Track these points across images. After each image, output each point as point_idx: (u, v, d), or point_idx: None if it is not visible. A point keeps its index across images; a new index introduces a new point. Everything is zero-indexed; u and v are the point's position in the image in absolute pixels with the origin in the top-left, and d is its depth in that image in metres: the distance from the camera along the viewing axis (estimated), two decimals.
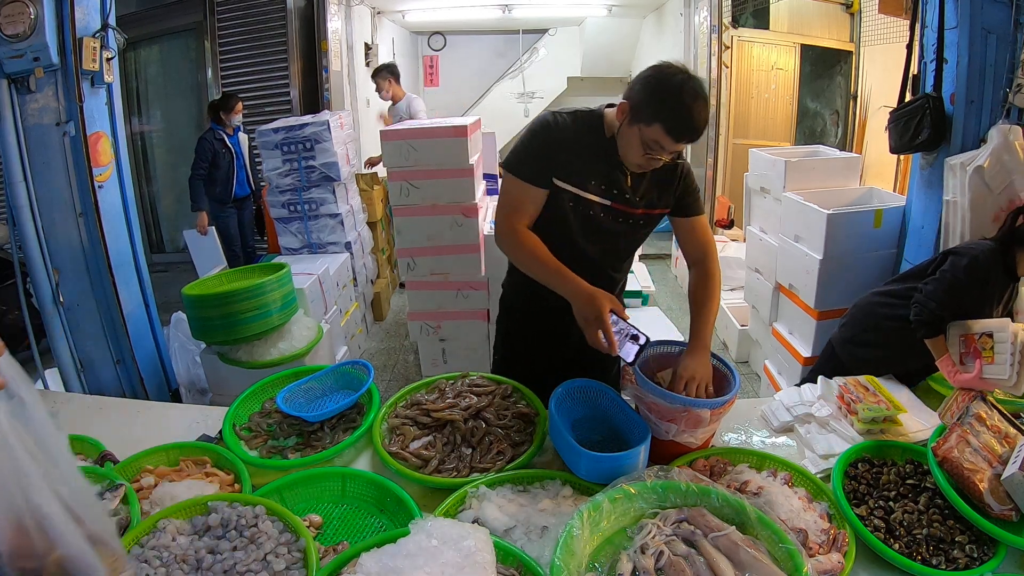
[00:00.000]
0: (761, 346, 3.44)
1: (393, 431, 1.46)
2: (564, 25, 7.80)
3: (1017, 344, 1.54)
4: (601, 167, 1.43)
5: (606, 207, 1.46)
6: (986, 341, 1.59)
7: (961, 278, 1.74)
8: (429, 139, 3.02)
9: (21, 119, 1.82)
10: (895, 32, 4.32)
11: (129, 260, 2.13)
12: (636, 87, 1.32)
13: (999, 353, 1.55)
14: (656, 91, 1.28)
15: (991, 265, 1.74)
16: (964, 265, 1.75)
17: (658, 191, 1.50)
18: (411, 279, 3.23)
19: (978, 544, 1.14)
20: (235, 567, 1.02)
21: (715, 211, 5.39)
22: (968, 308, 1.72)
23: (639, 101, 1.30)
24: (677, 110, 1.25)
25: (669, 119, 1.26)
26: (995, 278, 1.74)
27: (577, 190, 1.44)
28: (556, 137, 1.42)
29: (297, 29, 4.61)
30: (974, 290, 1.73)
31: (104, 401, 1.81)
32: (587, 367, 1.59)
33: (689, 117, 1.26)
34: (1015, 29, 2.10)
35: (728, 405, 1.31)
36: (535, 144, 1.43)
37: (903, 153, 2.67)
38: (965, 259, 1.76)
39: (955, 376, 1.65)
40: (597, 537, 1.09)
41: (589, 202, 1.45)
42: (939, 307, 1.72)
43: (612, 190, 1.45)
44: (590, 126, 1.44)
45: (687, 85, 1.25)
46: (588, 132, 1.43)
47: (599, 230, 1.49)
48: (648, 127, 1.28)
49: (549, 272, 1.38)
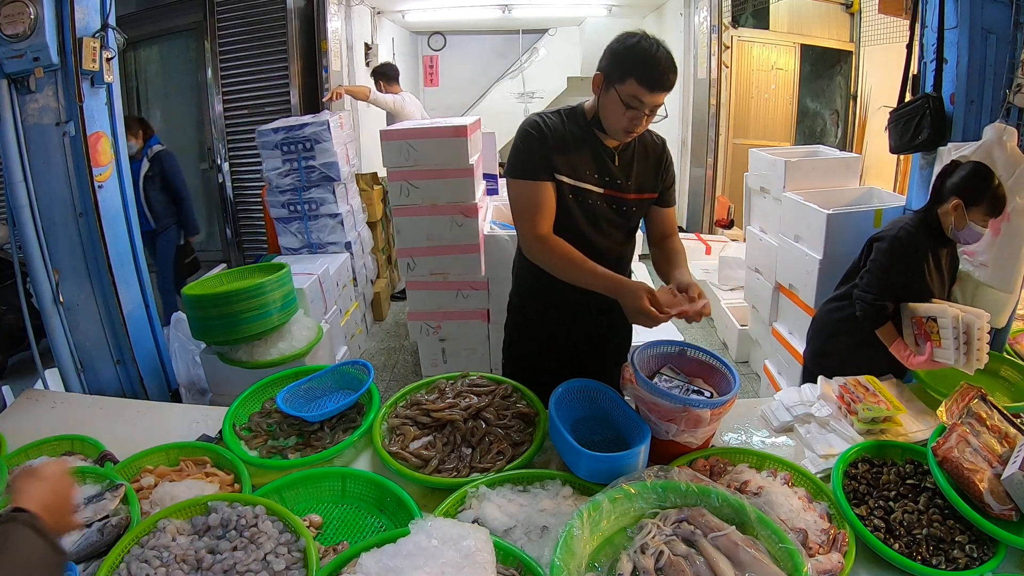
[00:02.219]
0: (761, 346, 3.44)
1: (393, 431, 1.46)
2: (564, 25, 7.80)
3: (960, 326, 1.59)
4: (590, 154, 1.50)
5: (602, 195, 1.52)
6: (932, 325, 1.66)
7: (886, 262, 1.80)
8: (429, 139, 3.02)
9: (21, 119, 1.82)
10: (895, 32, 4.33)
11: (129, 260, 2.12)
12: (604, 58, 1.42)
13: (944, 338, 1.62)
14: (620, 51, 1.39)
15: (914, 236, 1.79)
16: (886, 248, 1.81)
17: (647, 176, 1.57)
18: (411, 279, 3.23)
19: (978, 544, 1.14)
20: (235, 567, 1.03)
21: (715, 211, 5.39)
22: (906, 285, 1.77)
23: (609, 65, 1.40)
24: (645, 60, 1.35)
25: (639, 70, 1.35)
26: (923, 246, 1.78)
27: (576, 181, 1.49)
28: (548, 134, 1.47)
29: (297, 29, 4.60)
30: (903, 268, 1.78)
31: (104, 401, 1.81)
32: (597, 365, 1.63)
33: (656, 65, 1.35)
34: (1015, 29, 2.10)
35: (728, 405, 1.31)
36: (530, 144, 1.48)
37: (903, 153, 2.67)
38: (885, 242, 1.82)
39: (908, 359, 1.71)
40: (597, 537, 1.09)
41: (588, 192, 1.50)
42: (876, 297, 1.78)
43: (604, 176, 1.51)
44: (573, 117, 1.51)
45: (646, 40, 1.37)
46: (573, 123, 1.50)
47: (601, 220, 1.54)
48: (623, 85, 1.37)
49: (585, 273, 1.42)
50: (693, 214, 5.71)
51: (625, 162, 1.53)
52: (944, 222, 1.78)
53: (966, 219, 1.73)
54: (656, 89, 1.36)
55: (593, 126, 1.49)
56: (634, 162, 1.55)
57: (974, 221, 1.73)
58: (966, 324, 1.59)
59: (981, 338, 1.59)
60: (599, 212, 1.53)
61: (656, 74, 1.35)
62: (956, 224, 1.75)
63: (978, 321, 1.59)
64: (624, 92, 1.37)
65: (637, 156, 1.55)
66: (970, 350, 1.59)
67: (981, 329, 1.59)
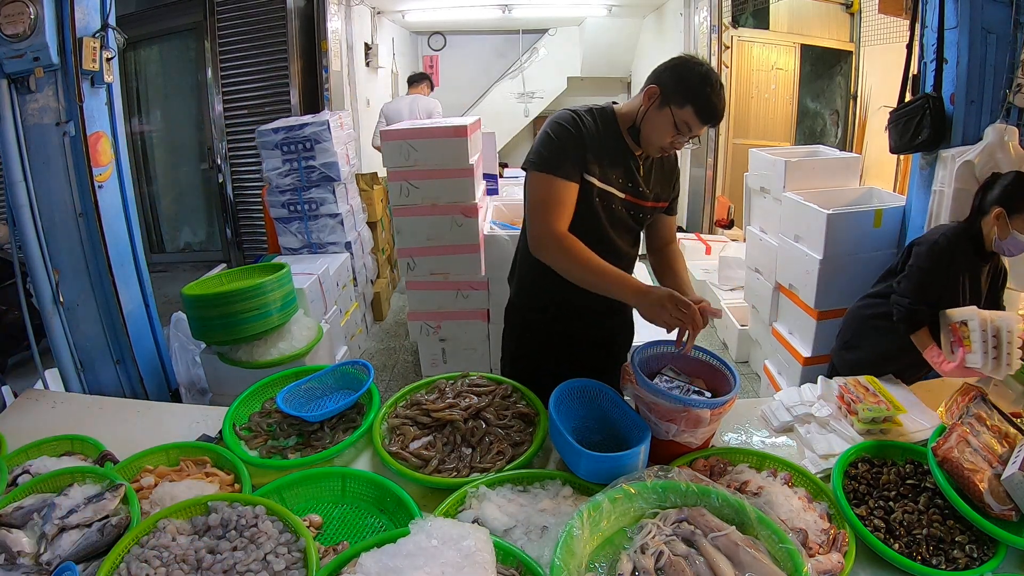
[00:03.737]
0: (761, 346, 3.44)
1: (393, 431, 1.46)
2: (564, 25, 7.80)
3: (988, 330, 1.56)
4: (620, 159, 1.50)
5: (623, 201, 1.52)
6: (963, 329, 1.63)
7: (925, 267, 1.79)
8: (429, 139, 3.02)
9: (21, 119, 1.82)
10: (895, 32, 4.32)
11: (129, 260, 2.12)
12: (665, 74, 1.40)
13: (973, 341, 1.59)
14: (687, 77, 1.37)
15: (954, 245, 1.78)
16: (924, 252, 1.80)
17: (662, 186, 1.59)
18: (411, 279, 3.23)
19: (978, 544, 1.13)
20: (235, 567, 1.02)
21: (715, 211, 5.39)
22: (940, 293, 1.76)
23: (670, 85, 1.39)
24: (707, 95, 1.35)
25: (699, 102, 1.36)
26: (961, 257, 1.77)
27: (603, 184, 1.48)
28: (583, 132, 1.44)
29: (297, 29, 4.60)
30: (941, 273, 1.77)
31: (104, 401, 1.81)
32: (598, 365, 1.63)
33: (717, 102, 1.37)
34: (1015, 29, 2.10)
35: (728, 405, 1.31)
36: (564, 139, 1.44)
37: (903, 153, 2.67)
38: (924, 247, 1.82)
39: (942, 366, 1.69)
40: (597, 537, 1.09)
41: (612, 196, 1.50)
42: (912, 302, 1.77)
43: (628, 182, 1.52)
44: (605, 119, 1.49)
45: (712, 74, 1.38)
46: (606, 126, 1.49)
47: (622, 224, 1.55)
48: (680, 109, 1.37)
49: (601, 277, 1.38)
50: (693, 214, 5.71)
51: (647, 171, 1.55)
52: (987, 234, 1.76)
53: (1009, 228, 1.71)
54: (709, 123, 1.39)
55: (626, 133, 1.48)
56: (653, 171, 1.56)
57: (1017, 230, 1.71)
58: (995, 327, 1.56)
59: (1012, 342, 1.56)
60: (620, 217, 1.53)
61: (715, 110, 1.37)
62: (1000, 234, 1.73)
63: (1008, 324, 1.56)
64: (680, 116, 1.37)
65: (656, 166, 1.57)
66: (999, 354, 1.56)
67: (1011, 332, 1.56)
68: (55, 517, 1.13)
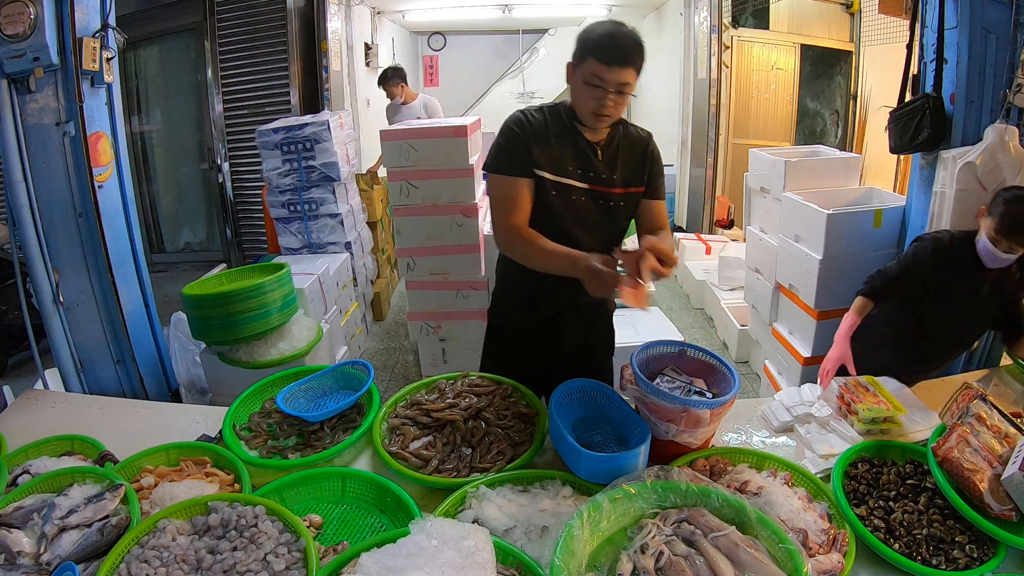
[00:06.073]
0: (761, 346, 3.44)
1: (393, 431, 1.46)
2: (564, 25, 7.80)
3: None
4: (572, 149, 1.51)
5: (586, 191, 1.52)
6: None
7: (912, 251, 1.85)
8: (429, 139, 3.02)
9: (21, 119, 1.82)
10: (895, 32, 4.33)
11: (129, 260, 2.12)
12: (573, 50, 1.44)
13: None
14: (581, 35, 1.41)
15: (957, 248, 1.80)
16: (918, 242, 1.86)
17: (632, 169, 1.57)
18: (411, 279, 3.23)
19: (978, 544, 1.14)
20: (235, 567, 1.02)
21: (715, 211, 5.39)
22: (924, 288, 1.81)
23: (574, 52, 1.43)
24: (600, 38, 1.37)
25: (596, 48, 1.36)
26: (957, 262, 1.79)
27: (557, 177, 1.49)
28: (529, 130, 1.48)
29: (297, 29, 4.61)
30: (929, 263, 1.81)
31: (104, 401, 1.81)
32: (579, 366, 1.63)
33: (612, 40, 1.36)
34: (1015, 29, 2.10)
35: (728, 405, 1.31)
36: (511, 139, 1.49)
37: (903, 153, 2.67)
38: (925, 242, 1.85)
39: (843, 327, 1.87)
40: (597, 537, 1.09)
41: (570, 187, 1.51)
42: (879, 275, 1.85)
43: (588, 172, 1.51)
44: (556, 113, 1.52)
45: (608, 23, 1.40)
46: (555, 119, 1.51)
47: (587, 216, 1.54)
48: (584, 64, 1.39)
49: (549, 255, 1.42)
50: (693, 214, 5.71)
51: (609, 156, 1.54)
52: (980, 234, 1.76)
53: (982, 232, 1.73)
54: (614, 64, 1.35)
55: (575, 120, 1.50)
56: (619, 156, 1.55)
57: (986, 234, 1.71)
58: None
59: None
60: (584, 208, 1.53)
61: (612, 49, 1.35)
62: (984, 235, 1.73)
63: None
64: (585, 72, 1.38)
65: (622, 150, 1.55)
66: None
67: None
68: (55, 517, 1.13)
